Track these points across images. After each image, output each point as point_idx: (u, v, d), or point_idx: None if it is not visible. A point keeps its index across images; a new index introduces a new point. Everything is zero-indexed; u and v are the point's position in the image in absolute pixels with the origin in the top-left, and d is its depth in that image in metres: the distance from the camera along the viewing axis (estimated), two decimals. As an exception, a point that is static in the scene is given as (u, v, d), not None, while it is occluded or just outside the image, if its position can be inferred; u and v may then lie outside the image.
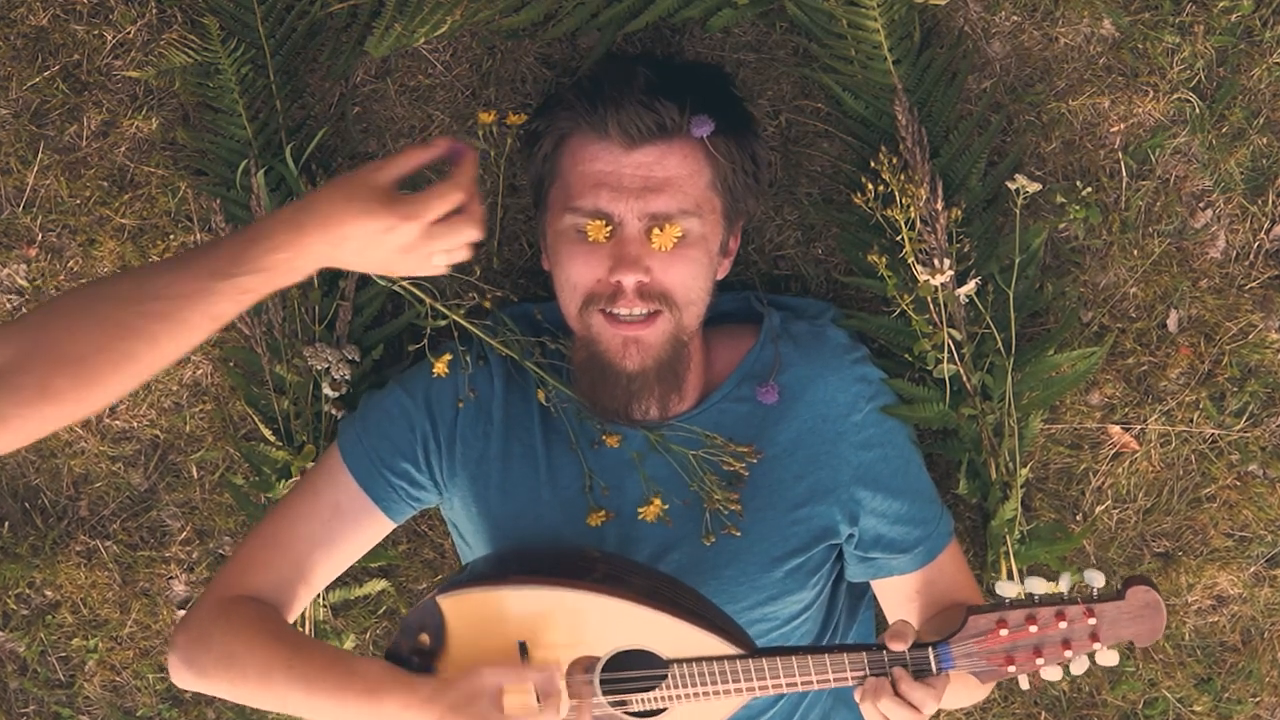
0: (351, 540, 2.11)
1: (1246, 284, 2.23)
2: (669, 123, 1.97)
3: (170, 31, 2.21)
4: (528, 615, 1.93)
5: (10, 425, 1.63)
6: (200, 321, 1.69)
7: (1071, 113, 2.18)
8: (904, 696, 1.88)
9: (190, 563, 2.40)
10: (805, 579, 2.09)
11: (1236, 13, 2.15)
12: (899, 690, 1.88)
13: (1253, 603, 2.33)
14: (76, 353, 1.65)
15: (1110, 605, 1.86)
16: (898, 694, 1.88)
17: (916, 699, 1.88)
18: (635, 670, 1.94)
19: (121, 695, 2.47)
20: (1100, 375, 2.25)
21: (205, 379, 2.34)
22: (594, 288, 1.99)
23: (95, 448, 2.36)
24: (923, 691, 1.88)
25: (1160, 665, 2.35)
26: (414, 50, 2.21)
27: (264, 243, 1.72)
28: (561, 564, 1.97)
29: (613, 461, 2.08)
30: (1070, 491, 2.29)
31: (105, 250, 2.28)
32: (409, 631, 1.97)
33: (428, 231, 1.78)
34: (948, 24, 2.17)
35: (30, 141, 2.27)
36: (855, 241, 2.19)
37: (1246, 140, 2.19)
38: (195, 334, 1.70)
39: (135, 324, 1.67)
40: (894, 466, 2.10)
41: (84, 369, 1.65)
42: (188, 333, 1.69)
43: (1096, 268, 2.22)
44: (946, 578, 2.12)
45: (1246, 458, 2.27)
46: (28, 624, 2.44)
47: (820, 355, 2.11)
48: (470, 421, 2.11)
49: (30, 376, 1.63)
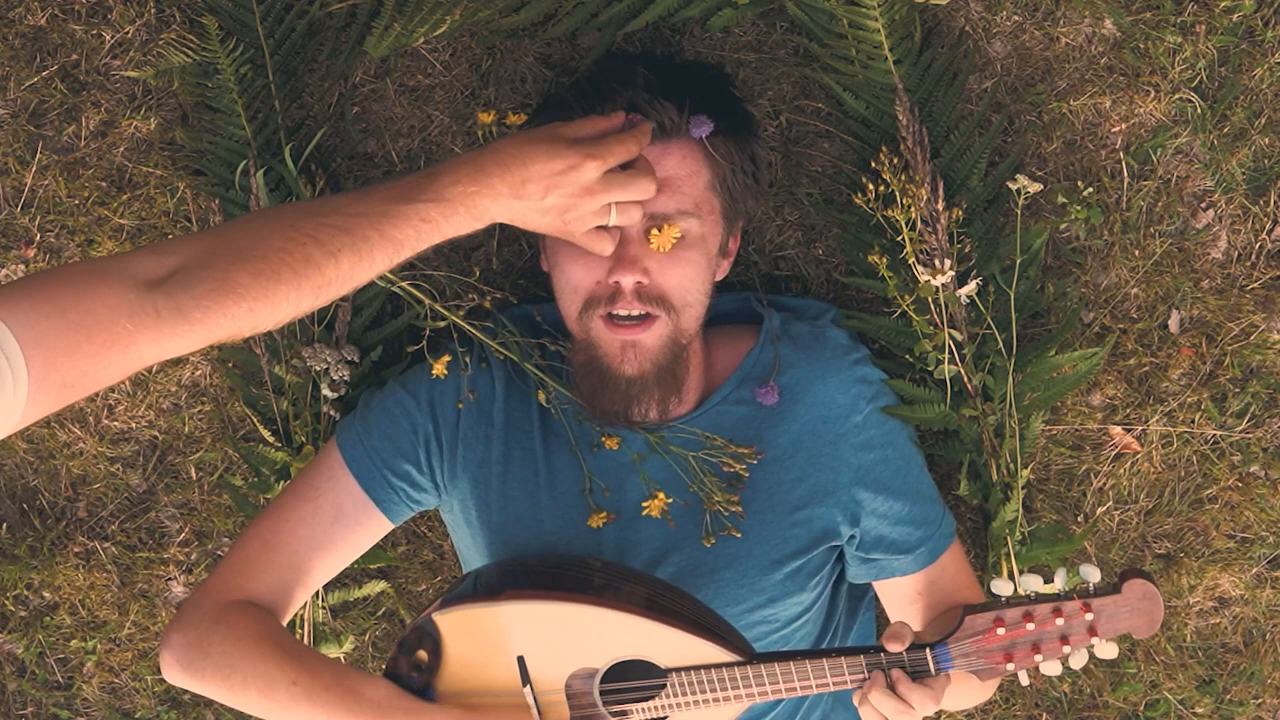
0: (350, 541, 2.11)
1: (1248, 285, 2.23)
2: (668, 123, 1.97)
3: (169, 31, 2.21)
4: (525, 629, 1.92)
5: (192, 319, 1.62)
6: (380, 243, 1.71)
7: (1073, 113, 2.18)
8: (903, 698, 1.88)
9: (189, 564, 2.40)
10: (805, 581, 2.09)
11: (1238, 12, 2.15)
12: (897, 691, 1.88)
13: (1254, 604, 2.33)
14: (259, 252, 1.66)
15: (1108, 599, 1.87)
16: (896, 695, 1.88)
17: (915, 700, 1.88)
18: (634, 680, 1.94)
19: (120, 697, 2.47)
20: (1102, 376, 2.25)
21: (204, 380, 2.34)
22: (594, 290, 1.99)
23: (94, 449, 2.36)
24: (921, 693, 1.88)
25: (1162, 667, 2.35)
26: (413, 50, 2.21)
27: (446, 176, 1.77)
28: (559, 576, 1.97)
29: (612, 464, 2.08)
30: (1071, 493, 2.29)
31: (104, 251, 2.28)
32: (407, 648, 1.96)
33: (608, 178, 1.82)
34: (949, 24, 2.16)
35: (28, 141, 2.27)
36: (856, 242, 2.19)
37: (1248, 140, 2.19)
38: (374, 255, 1.71)
39: (317, 233, 1.69)
40: (895, 467, 2.10)
41: (266, 266, 1.66)
42: (368, 251, 1.71)
43: (1098, 268, 2.22)
44: (949, 578, 2.12)
45: (1248, 459, 2.27)
46: (26, 625, 2.44)
47: (821, 356, 2.10)
48: (472, 424, 2.10)
49: (212, 271, 1.63)
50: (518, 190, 1.79)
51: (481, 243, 2.25)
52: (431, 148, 2.23)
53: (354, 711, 1.91)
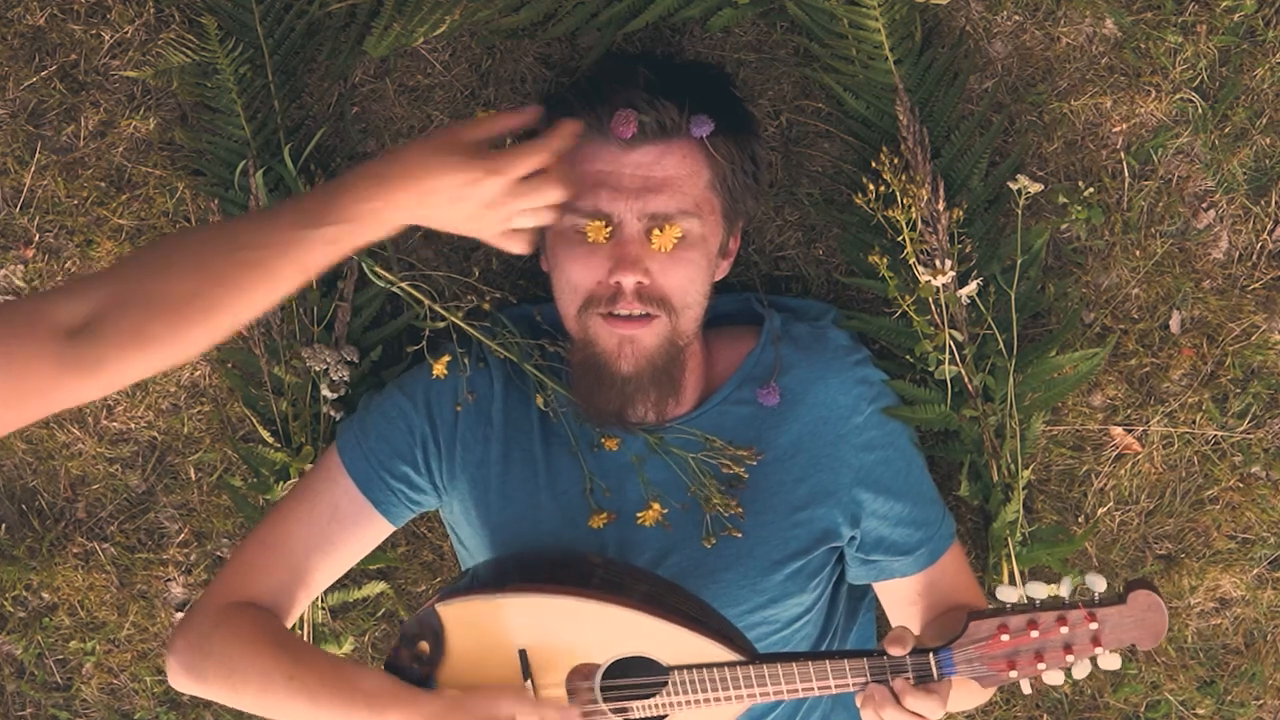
0: (350, 543, 2.11)
1: (1249, 285, 2.23)
2: (668, 122, 1.96)
3: (168, 31, 2.20)
4: (528, 623, 1.92)
5: (108, 369, 1.64)
6: (289, 272, 1.71)
7: (1073, 113, 2.18)
8: (909, 709, 1.87)
9: (188, 565, 2.40)
10: (806, 582, 2.09)
11: (1239, 12, 2.15)
12: (903, 702, 1.87)
13: (1256, 605, 2.33)
14: (171, 299, 1.67)
15: (1112, 609, 1.86)
16: (902, 705, 1.87)
17: (923, 708, 1.87)
18: (636, 677, 1.94)
19: (119, 698, 2.46)
20: (1102, 377, 2.24)
21: (203, 380, 2.33)
22: (594, 290, 1.99)
23: (93, 449, 2.36)
24: (927, 701, 1.87)
25: (1163, 668, 2.35)
26: (413, 50, 2.21)
27: (349, 193, 1.75)
28: (561, 571, 1.97)
29: (612, 465, 2.08)
30: (1072, 493, 2.29)
31: (103, 251, 2.28)
32: (409, 640, 1.96)
33: (513, 188, 1.80)
34: (949, 24, 2.16)
35: (27, 142, 2.26)
36: (856, 242, 2.18)
37: (1249, 140, 2.18)
38: (285, 284, 1.72)
39: (226, 271, 1.69)
40: (895, 468, 2.09)
41: (178, 315, 1.66)
42: (277, 282, 1.71)
43: (1099, 269, 2.22)
44: (949, 579, 2.12)
45: (1249, 459, 2.27)
46: (25, 626, 2.44)
47: (821, 357, 2.10)
48: (470, 425, 2.10)
49: (126, 322, 1.65)
50: (422, 200, 1.78)
51: (480, 243, 2.23)
52: (431, 148, 2.22)
53: (350, 703, 1.91)
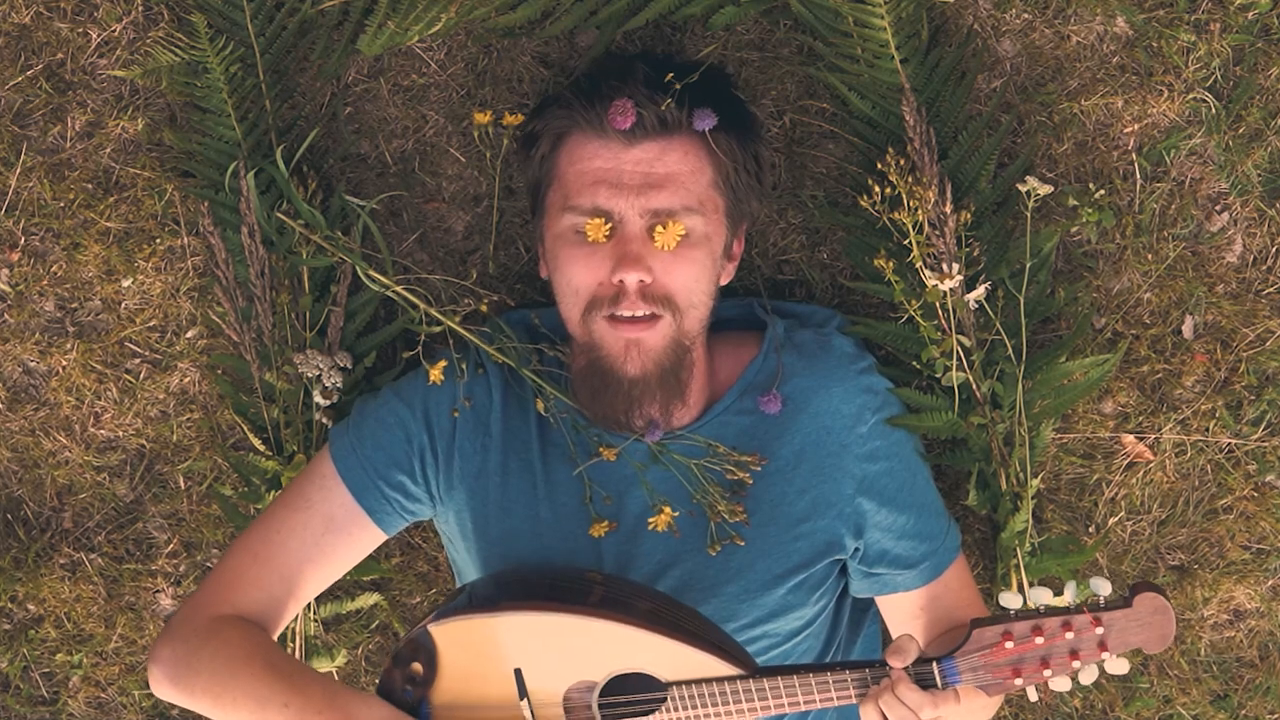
0: (342, 553, 2.10)
1: (1264, 289, 2.23)
2: (669, 117, 1.97)
3: (157, 29, 2.21)
4: (523, 641, 1.93)
5: None
6: None
7: (1084, 113, 2.18)
8: (899, 697, 1.87)
9: (177, 576, 2.40)
10: (808, 595, 2.08)
11: (1253, 10, 2.15)
12: (895, 690, 1.87)
13: (1270, 617, 2.33)
14: None
15: (1118, 613, 1.86)
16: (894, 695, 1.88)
17: (911, 701, 1.87)
18: (634, 694, 1.94)
19: (106, 712, 2.47)
20: (1113, 383, 2.25)
21: (193, 387, 2.33)
22: (596, 291, 1.98)
23: (79, 458, 2.36)
24: (919, 695, 1.87)
25: (1175, 681, 2.35)
26: (407, 49, 2.21)
27: None
28: (558, 588, 1.98)
29: (612, 476, 2.07)
30: (1083, 503, 2.29)
31: (90, 255, 2.28)
32: (401, 661, 1.96)
33: None
34: (957, 22, 2.17)
35: (12, 143, 2.27)
36: (862, 245, 2.19)
37: (1264, 141, 2.19)
38: None
39: None
40: (900, 480, 2.09)
41: None
42: None
43: (1110, 272, 2.22)
44: (952, 595, 2.12)
45: (1264, 468, 2.27)
46: (10, 639, 2.44)
47: (825, 365, 2.10)
48: (468, 434, 2.10)
49: None
50: None
51: (477, 246, 2.25)
52: (426, 149, 2.24)
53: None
